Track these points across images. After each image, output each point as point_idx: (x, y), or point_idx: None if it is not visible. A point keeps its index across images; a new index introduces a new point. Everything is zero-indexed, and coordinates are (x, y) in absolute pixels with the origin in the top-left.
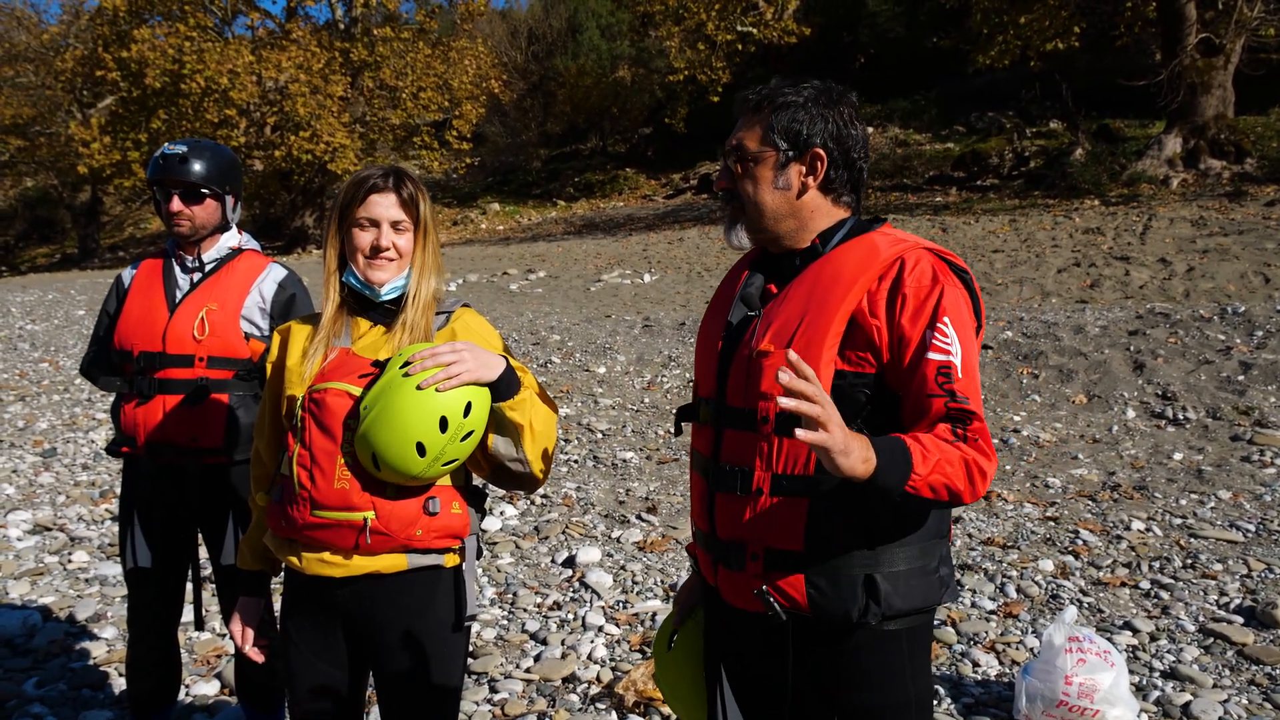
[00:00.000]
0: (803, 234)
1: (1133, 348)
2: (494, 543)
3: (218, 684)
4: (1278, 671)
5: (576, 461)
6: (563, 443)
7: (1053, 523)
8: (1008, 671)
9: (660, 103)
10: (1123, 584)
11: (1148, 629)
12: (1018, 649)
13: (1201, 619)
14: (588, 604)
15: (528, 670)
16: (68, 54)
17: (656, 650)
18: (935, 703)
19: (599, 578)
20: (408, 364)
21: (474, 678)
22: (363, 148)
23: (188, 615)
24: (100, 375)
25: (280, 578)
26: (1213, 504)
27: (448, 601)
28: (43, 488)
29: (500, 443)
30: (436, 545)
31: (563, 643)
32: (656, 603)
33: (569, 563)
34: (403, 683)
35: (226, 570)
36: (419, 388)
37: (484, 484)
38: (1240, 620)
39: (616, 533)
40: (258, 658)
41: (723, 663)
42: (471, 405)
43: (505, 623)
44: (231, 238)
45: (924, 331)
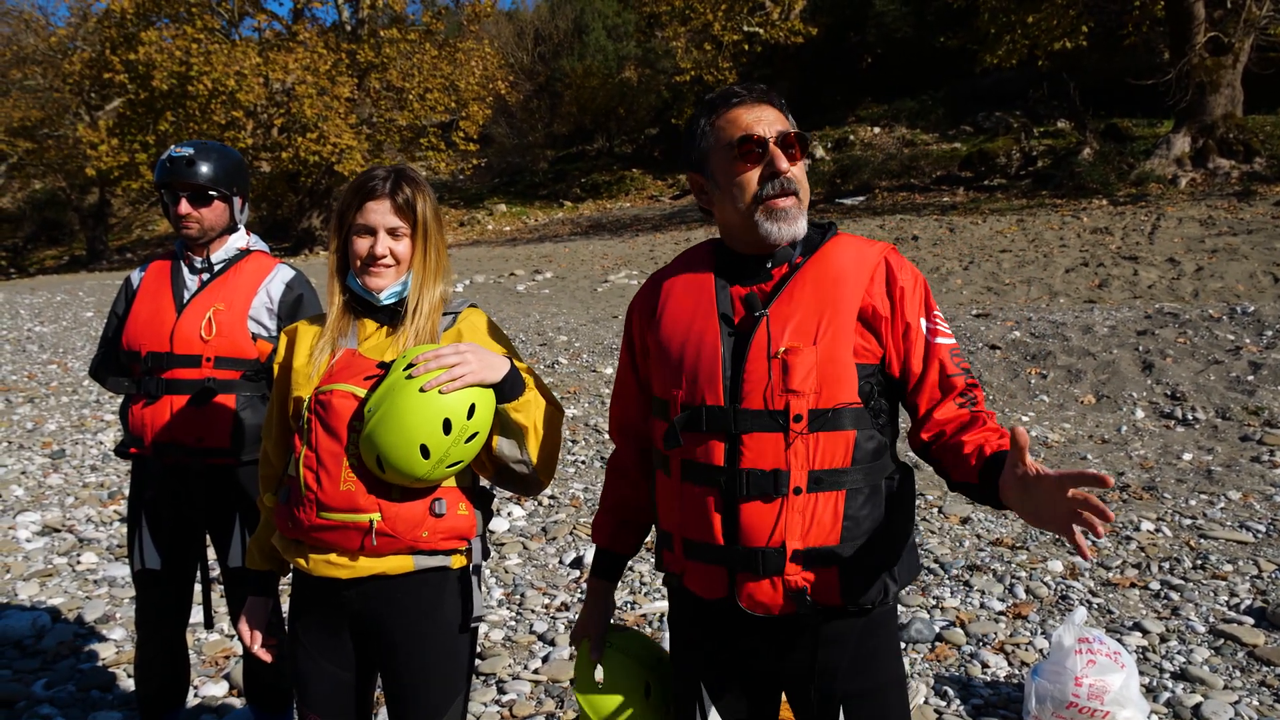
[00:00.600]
0: None
1: (1141, 348)
2: (502, 544)
3: (226, 685)
4: None
5: (584, 462)
6: (570, 444)
7: None
8: (1017, 673)
9: (667, 103)
10: (1132, 585)
11: (1158, 630)
12: (1027, 650)
13: (1212, 620)
14: None
15: (536, 671)
16: (75, 56)
17: (583, 688)
18: (944, 703)
19: None
20: (411, 366)
21: (482, 679)
22: (369, 149)
23: (196, 616)
24: (108, 376)
25: (288, 579)
26: (1222, 504)
27: (454, 603)
28: (51, 489)
29: (504, 444)
30: (443, 547)
31: (570, 644)
32: (663, 604)
33: (576, 563)
34: (410, 684)
35: (234, 571)
36: (422, 390)
37: (491, 485)
38: (1251, 621)
39: None
40: (266, 658)
41: (711, 675)
42: (475, 407)
43: (513, 624)
44: (239, 239)
45: (924, 320)
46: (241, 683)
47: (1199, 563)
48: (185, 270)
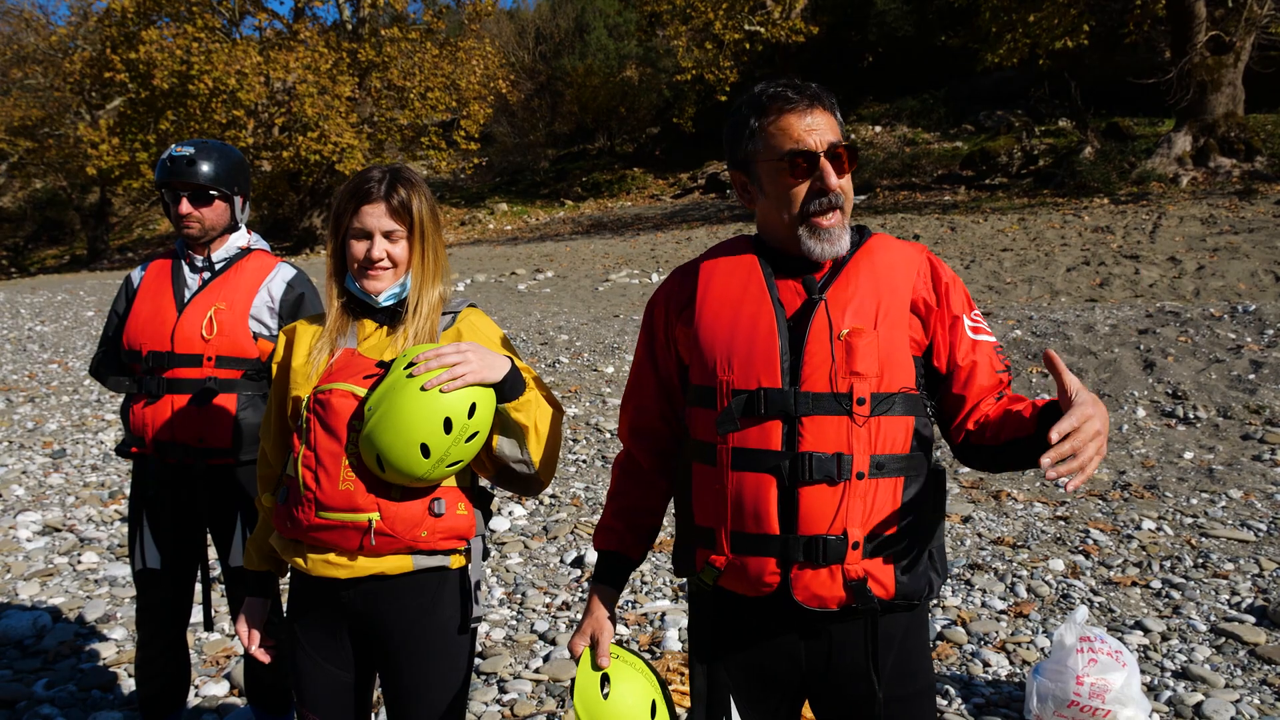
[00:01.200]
0: None
1: (1143, 346)
2: (503, 543)
3: (227, 685)
4: None
5: (585, 461)
6: (571, 443)
7: (1063, 522)
8: (1018, 672)
9: (668, 102)
10: (1134, 583)
11: (1159, 629)
12: (1028, 649)
13: (1213, 619)
14: None
15: (537, 670)
16: (76, 56)
17: (586, 700)
18: (945, 703)
19: None
20: (412, 365)
21: (483, 678)
22: (370, 148)
23: (197, 616)
24: (109, 375)
25: (287, 579)
26: (1224, 503)
27: (454, 602)
28: (52, 489)
29: (505, 444)
30: (442, 546)
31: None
32: (665, 602)
33: (577, 563)
34: (410, 684)
35: (235, 571)
36: (423, 389)
37: (491, 485)
38: (1252, 620)
39: None
40: (264, 658)
41: (741, 683)
42: (476, 406)
43: (514, 623)
44: (240, 238)
45: (966, 317)
46: (242, 683)
47: (1200, 561)
48: (186, 269)
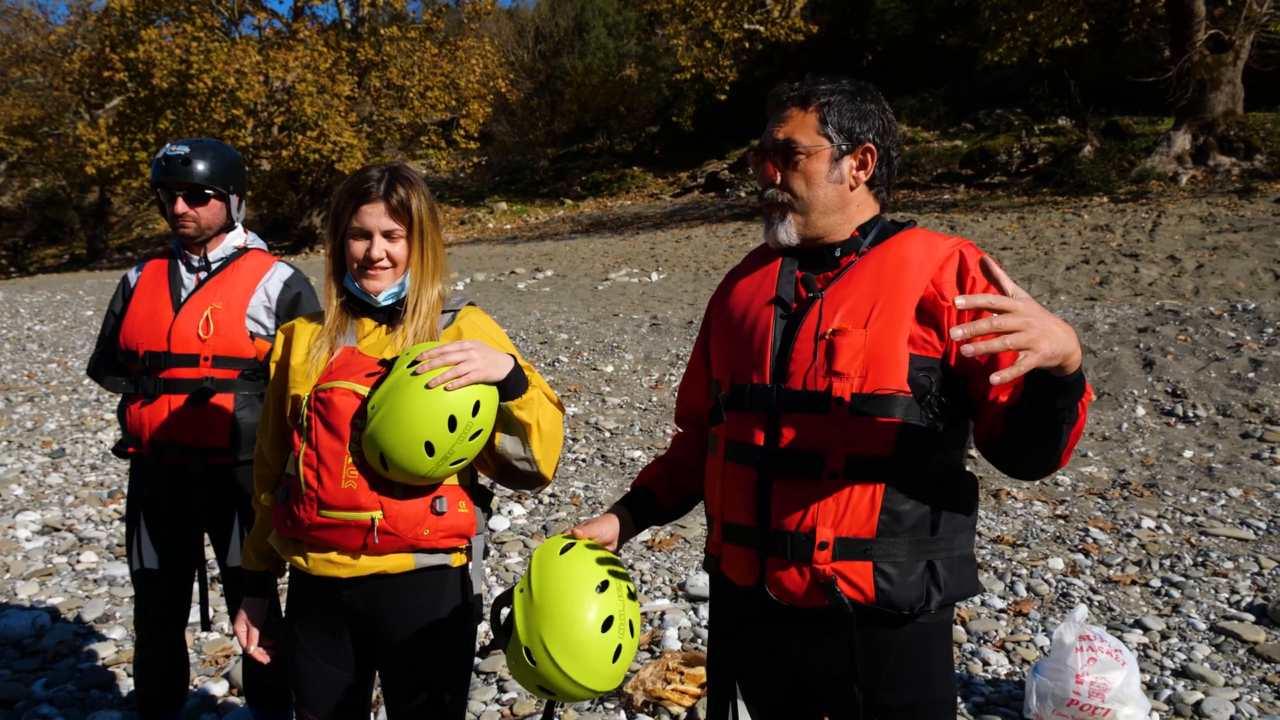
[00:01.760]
0: (845, 227)
1: (1142, 345)
2: (502, 542)
3: (226, 684)
4: None
5: (584, 460)
6: (570, 441)
7: (1063, 521)
8: (1018, 670)
9: (667, 101)
10: (1133, 582)
11: (1159, 627)
12: (1028, 648)
13: (1213, 617)
14: None
15: None
16: (75, 55)
17: (542, 552)
18: None
19: None
20: (415, 363)
21: (482, 677)
22: (370, 147)
23: (195, 615)
24: (106, 375)
25: (286, 578)
26: (1223, 501)
27: (455, 601)
28: (51, 488)
29: (508, 442)
30: (444, 545)
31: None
32: (665, 602)
33: None
34: (410, 683)
35: (233, 570)
36: (427, 386)
37: (492, 484)
38: (1252, 618)
39: None
40: (263, 658)
41: (744, 670)
42: (480, 404)
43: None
44: (237, 237)
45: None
46: (241, 682)
47: (1200, 560)
48: (183, 269)
